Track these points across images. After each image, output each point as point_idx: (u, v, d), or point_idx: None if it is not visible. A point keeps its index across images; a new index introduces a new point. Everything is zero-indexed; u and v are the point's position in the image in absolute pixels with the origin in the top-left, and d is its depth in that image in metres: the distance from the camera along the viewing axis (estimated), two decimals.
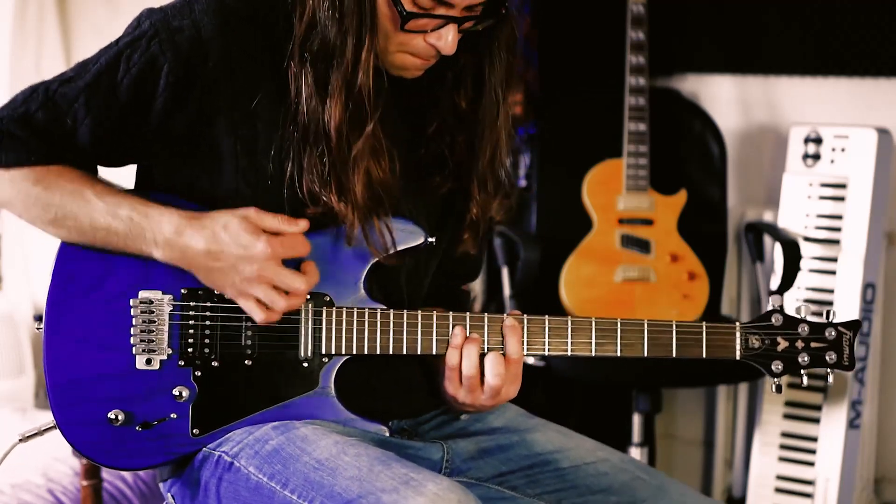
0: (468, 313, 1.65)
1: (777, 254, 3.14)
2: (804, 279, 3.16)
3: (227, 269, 1.56)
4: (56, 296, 1.63)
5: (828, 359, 1.68)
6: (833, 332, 1.68)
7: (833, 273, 3.14)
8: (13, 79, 3.36)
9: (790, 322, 1.68)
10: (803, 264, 3.11)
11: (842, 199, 3.15)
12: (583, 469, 1.71)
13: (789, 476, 3.19)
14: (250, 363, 1.63)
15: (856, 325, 1.69)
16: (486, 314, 1.66)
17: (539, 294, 3.11)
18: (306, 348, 1.63)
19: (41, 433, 1.78)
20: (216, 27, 1.58)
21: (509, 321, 1.65)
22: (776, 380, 1.68)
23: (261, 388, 1.63)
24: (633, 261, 3.13)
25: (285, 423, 1.62)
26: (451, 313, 1.65)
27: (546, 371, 3.00)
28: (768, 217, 3.35)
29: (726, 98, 3.50)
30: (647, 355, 1.66)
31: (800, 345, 1.68)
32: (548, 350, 1.66)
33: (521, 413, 1.80)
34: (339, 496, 1.48)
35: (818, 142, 3.21)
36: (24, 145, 1.60)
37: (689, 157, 3.34)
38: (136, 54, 1.58)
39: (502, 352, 1.65)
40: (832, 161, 3.18)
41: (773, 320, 1.68)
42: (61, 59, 3.54)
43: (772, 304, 1.69)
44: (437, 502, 1.43)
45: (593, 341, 1.66)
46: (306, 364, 1.63)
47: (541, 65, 3.50)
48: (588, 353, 1.66)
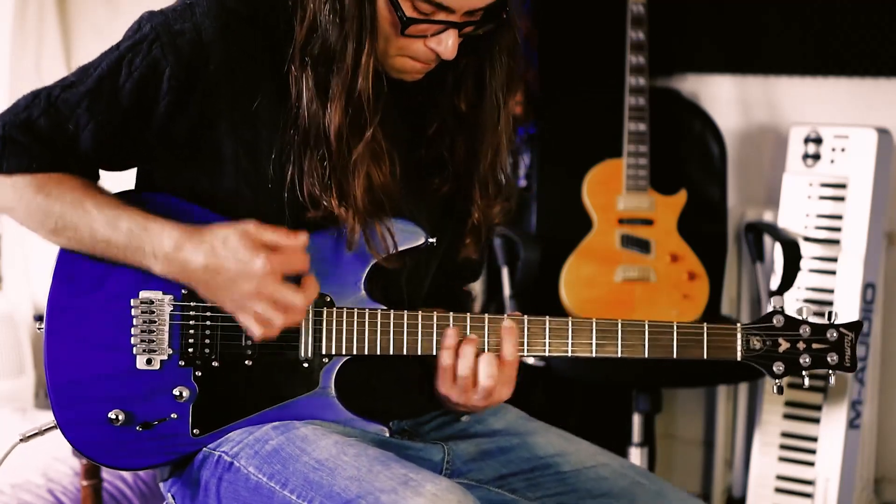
0: (468, 314, 1.65)
1: (777, 254, 3.14)
2: (804, 279, 3.16)
3: (226, 285, 1.55)
4: (57, 296, 1.63)
5: (829, 360, 1.68)
6: (835, 334, 1.68)
7: (833, 273, 3.14)
8: (13, 79, 3.35)
9: (791, 323, 1.68)
10: (803, 264, 3.11)
11: (842, 199, 3.15)
12: (583, 473, 1.71)
13: (789, 476, 3.19)
14: (250, 363, 1.63)
15: (857, 327, 1.69)
16: (487, 315, 1.65)
17: (539, 294, 3.10)
18: (307, 349, 1.63)
19: (41, 433, 1.78)
20: (217, 30, 1.57)
21: (507, 323, 1.65)
22: (778, 381, 1.68)
23: (261, 389, 1.63)
24: (633, 261, 3.12)
25: (285, 424, 1.62)
26: (452, 314, 1.65)
27: (546, 371, 3.00)
28: (768, 217, 3.35)
29: (726, 98, 3.50)
30: (647, 356, 1.66)
31: (801, 346, 1.68)
32: (548, 351, 1.66)
33: (522, 416, 1.80)
34: (338, 496, 1.48)
35: (818, 142, 3.21)
36: (26, 151, 1.60)
37: (689, 157, 3.34)
38: (138, 58, 1.58)
39: (497, 353, 1.65)
40: (832, 161, 3.18)
41: (775, 321, 1.68)
42: (61, 59, 3.53)
43: (773, 305, 1.69)
44: (436, 503, 1.43)
45: (594, 342, 1.66)
46: (307, 364, 1.63)
47: (541, 65, 3.50)
48: (589, 354, 1.66)
